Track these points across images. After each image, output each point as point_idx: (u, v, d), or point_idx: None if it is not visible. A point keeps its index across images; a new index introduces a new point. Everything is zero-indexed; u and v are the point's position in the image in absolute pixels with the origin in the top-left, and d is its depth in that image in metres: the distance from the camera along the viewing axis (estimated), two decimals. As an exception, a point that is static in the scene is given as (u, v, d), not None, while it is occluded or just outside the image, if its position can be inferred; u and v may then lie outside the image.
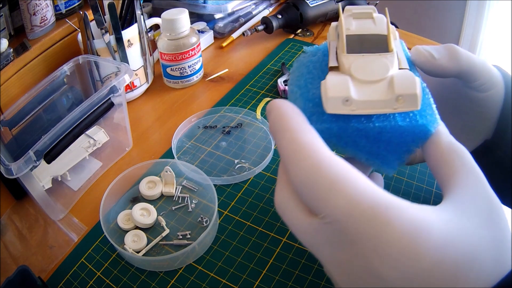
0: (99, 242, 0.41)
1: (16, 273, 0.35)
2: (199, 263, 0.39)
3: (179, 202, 0.44)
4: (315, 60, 0.28)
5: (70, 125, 0.40)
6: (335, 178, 0.20)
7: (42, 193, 0.42)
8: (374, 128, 0.23)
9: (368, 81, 0.22)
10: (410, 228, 0.19)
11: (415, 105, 0.22)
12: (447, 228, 0.19)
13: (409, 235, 0.18)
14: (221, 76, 0.66)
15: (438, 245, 0.18)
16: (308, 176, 0.21)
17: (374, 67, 0.23)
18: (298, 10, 0.73)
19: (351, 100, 0.22)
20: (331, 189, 0.20)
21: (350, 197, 0.20)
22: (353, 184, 0.20)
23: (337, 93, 0.22)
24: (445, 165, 0.23)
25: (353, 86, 0.22)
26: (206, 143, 0.52)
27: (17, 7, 0.58)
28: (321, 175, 0.20)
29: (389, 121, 0.23)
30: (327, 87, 0.22)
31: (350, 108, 0.22)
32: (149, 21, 0.61)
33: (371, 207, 0.19)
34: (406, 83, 0.22)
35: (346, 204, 0.19)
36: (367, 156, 0.25)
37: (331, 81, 0.23)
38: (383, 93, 0.22)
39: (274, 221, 0.42)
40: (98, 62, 0.51)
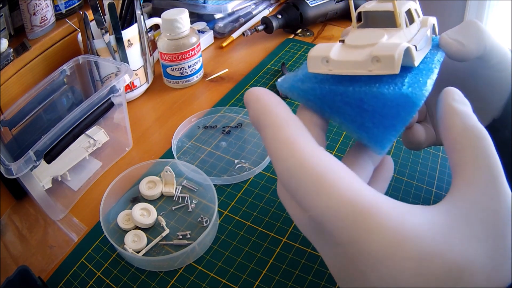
0: (99, 242, 0.41)
1: (16, 273, 0.35)
2: (199, 263, 0.39)
3: (179, 202, 0.44)
4: None
5: (70, 125, 0.40)
6: (317, 178, 0.19)
7: (42, 193, 0.42)
8: (354, 93, 0.22)
9: (354, 46, 0.23)
10: (391, 236, 0.17)
11: (392, 68, 0.20)
12: (435, 237, 0.18)
13: (390, 243, 0.17)
14: (221, 76, 0.66)
15: (420, 255, 0.17)
16: (291, 176, 0.20)
17: (369, 36, 0.23)
18: (298, 10, 0.73)
19: (330, 61, 0.22)
20: (313, 190, 0.19)
21: (332, 201, 0.18)
22: (335, 185, 0.19)
23: (317, 53, 0.22)
24: (456, 154, 0.21)
25: (338, 50, 0.22)
26: (206, 143, 0.52)
27: (17, 7, 0.58)
28: (303, 174, 0.19)
29: (371, 87, 0.22)
30: (312, 49, 0.23)
31: (328, 68, 0.22)
32: (149, 21, 0.61)
33: (354, 212, 0.18)
34: (386, 47, 0.21)
35: (328, 208, 0.19)
36: (353, 127, 0.24)
37: (319, 45, 0.23)
38: (361, 55, 0.21)
39: (274, 221, 0.42)
40: (98, 62, 0.51)
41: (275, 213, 0.43)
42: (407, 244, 0.17)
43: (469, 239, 0.18)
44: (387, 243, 0.17)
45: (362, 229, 0.18)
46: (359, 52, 0.22)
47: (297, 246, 0.40)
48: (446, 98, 0.22)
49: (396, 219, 0.18)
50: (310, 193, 0.19)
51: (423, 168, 0.47)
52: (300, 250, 0.39)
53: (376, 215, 0.18)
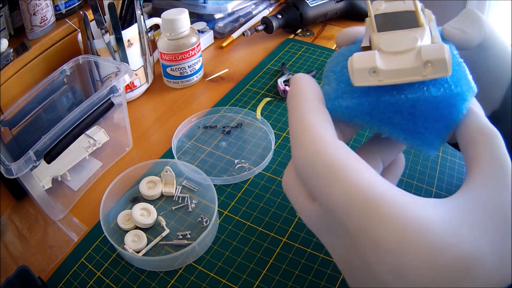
0: (99, 242, 0.41)
1: (16, 273, 0.35)
2: (199, 263, 0.39)
3: (179, 202, 0.44)
4: (353, 50, 0.28)
5: (70, 125, 0.40)
6: (334, 166, 0.19)
7: (42, 193, 0.42)
8: (407, 101, 0.22)
9: (395, 52, 0.22)
10: (405, 227, 0.17)
11: (445, 71, 0.20)
12: (448, 229, 0.18)
13: (404, 234, 0.17)
14: (221, 76, 0.66)
15: (433, 247, 0.17)
16: (308, 161, 0.20)
17: (403, 40, 0.22)
18: (298, 10, 0.73)
19: (378, 71, 0.21)
20: (328, 177, 0.19)
21: (346, 189, 0.19)
22: (351, 175, 0.19)
23: (363, 64, 0.21)
24: (471, 148, 0.21)
25: (380, 58, 0.22)
26: (206, 143, 0.52)
27: (17, 7, 0.58)
28: (320, 161, 0.20)
29: (422, 92, 0.22)
30: (353, 60, 0.22)
31: (378, 79, 0.21)
32: (149, 21, 0.61)
33: (367, 201, 0.18)
34: (433, 49, 0.21)
35: (341, 195, 0.19)
36: (405, 135, 0.23)
37: (358, 55, 0.22)
38: (410, 61, 0.21)
39: (274, 221, 0.42)
40: (98, 62, 0.51)
41: (275, 213, 0.43)
42: (419, 235, 0.17)
43: (480, 231, 0.18)
44: (399, 233, 0.17)
45: (374, 218, 0.18)
46: (404, 58, 0.21)
47: (297, 246, 0.40)
48: None
49: (409, 210, 0.18)
50: (325, 180, 0.20)
51: (423, 168, 0.47)
52: (300, 250, 0.39)
53: (389, 205, 0.18)
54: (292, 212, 0.43)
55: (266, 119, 0.54)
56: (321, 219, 0.21)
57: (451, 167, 0.47)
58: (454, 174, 0.46)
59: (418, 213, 0.18)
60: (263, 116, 0.55)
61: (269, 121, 0.54)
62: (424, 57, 0.21)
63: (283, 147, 0.51)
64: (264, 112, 0.56)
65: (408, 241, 0.17)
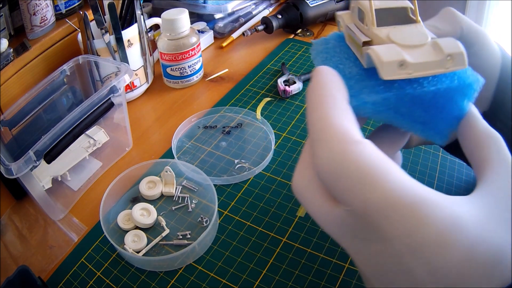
0: (99, 242, 0.41)
1: (16, 273, 0.35)
2: (199, 263, 0.39)
3: (179, 202, 0.44)
4: (331, 47, 0.28)
5: (70, 125, 0.40)
6: (367, 168, 0.18)
7: (42, 193, 0.42)
8: (429, 93, 0.23)
9: (413, 46, 0.22)
10: (445, 226, 0.18)
11: (464, 64, 0.22)
12: (478, 225, 0.18)
13: (443, 233, 0.18)
14: (221, 76, 0.66)
15: (469, 243, 0.18)
16: (337, 163, 0.19)
17: (412, 34, 0.23)
18: (298, 10, 0.73)
19: (406, 64, 0.21)
20: (363, 180, 0.18)
21: (384, 192, 0.18)
22: (387, 177, 0.18)
23: (391, 57, 0.21)
24: (481, 150, 0.22)
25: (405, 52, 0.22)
26: (206, 143, 0.52)
27: (17, 7, 0.58)
28: (352, 163, 0.19)
29: (441, 84, 0.23)
30: (379, 54, 0.21)
31: (407, 71, 0.21)
32: (149, 21, 0.61)
33: (407, 203, 0.18)
34: (451, 44, 0.22)
35: (380, 199, 0.18)
36: (422, 127, 0.24)
37: (379, 49, 0.22)
38: (433, 54, 0.22)
39: (274, 221, 0.42)
40: (98, 62, 0.51)
41: (275, 213, 0.43)
42: (457, 234, 0.18)
43: (504, 224, 0.19)
44: (439, 234, 0.18)
45: (414, 222, 0.18)
46: (424, 52, 0.22)
47: (297, 246, 0.40)
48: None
49: (447, 210, 0.18)
50: (358, 183, 0.18)
51: (423, 168, 0.47)
52: (300, 250, 0.39)
53: (427, 207, 0.18)
54: (292, 212, 0.43)
55: (266, 119, 0.54)
56: (345, 223, 0.20)
57: (451, 167, 0.47)
58: (454, 174, 0.46)
59: (453, 213, 0.18)
60: (263, 116, 0.55)
61: (269, 121, 0.54)
62: (446, 51, 0.21)
63: (283, 147, 0.51)
64: (264, 112, 0.56)
65: (447, 241, 0.17)
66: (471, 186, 0.45)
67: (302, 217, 0.42)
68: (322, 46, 0.29)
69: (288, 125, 0.54)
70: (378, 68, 0.22)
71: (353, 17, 0.28)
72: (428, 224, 0.18)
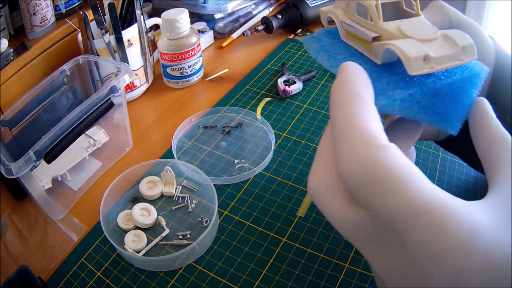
0: (99, 242, 0.41)
1: (16, 273, 0.35)
2: (199, 263, 0.39)
3: (179, 202, 0.44)
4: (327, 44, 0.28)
5: (70, 125, 0.40)
6: (394, 175, 0.18)
7: (42, 193, 0.42)
8: (446, 85, 0.23)
9: (428, 40, 0.23)
10: (466, 234, 0.18)
11: (475, 54, 0.23)
12: (494, 230, 0.18)
13: (464, 241, 0.18)
14: (221, 76, 0.66)
15: (488, 249, 0.18)
16: (363, 168, 0.19)
17: (421, 28, 0.23)
18: (298, 10, 0.73)
19: (429, 58, 0.22)
20: (389, 187, 0.18)
21: (409, 200, 0.18)
22: (413, 184, 0.18)
23: (417, 52, 0.21)
24: (493, 151, 0.22)
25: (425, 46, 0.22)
26: (206, 143, 0.52)
27: (17, 7, 0.58)
28: (378, 169, 0.18)
29: (455, 75, 0.23)
30: (404, 49, 0.22)
31: (429, 66, 0.22)
32: (149, 21, 0.61)
33: (430, 211, 0.18)
34: (460, 36, 0.23)
35: (405, 207, 0.18)
36: (439, 118, 0.24)
37: (402, 44, 0.22)
38: (448, 47, 0.22)
39: (274, 221, 0.42)
40: (98, 62, 0.51)
41: (275, 213, 0.43)
42: (477, 241, 0.18)
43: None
44: (461, 243, 0.18)
45: (437, 230, 0.18)
46: (439, 45, 0.22)
47: (297, 246, 0.40)
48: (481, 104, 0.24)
49: (466, 218, 0.18)
50: (384, 189, 0.18)
51: (423, 168, 0.47)
52: (300, 250, 0.39)
53: (450, 216, 0.18)
54: (292, 212, 0.43)
55: (266, 119, 0.54)
56: (364, 228, 0.20)
57: (451, 167, 0.47)
58: (454, 174, 0.46)
59: (473, 220, 0.18)
60: (263, 116, 0.55)
61: (269, 121, 0.54)
62: (460, 43, 0.22)
63: (283, 147, 0.51)
64: (264, 112, 0.56)
65: (468, 249, 0.18)
66: (471, 186, 0.45)
67: (302, 217, 0.42)
68: (317, 45, 0.29)
69: (288, 125, 0.54)
70: (405, 63, 0.22)
71: (348, 13, 0.28)
72: (449, 232, 0.18)
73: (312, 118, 0.55)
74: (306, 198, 0.44)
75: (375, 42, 0.24)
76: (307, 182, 0.23)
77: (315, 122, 0.54)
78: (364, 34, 0.25)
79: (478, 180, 0.45)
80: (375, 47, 0.24)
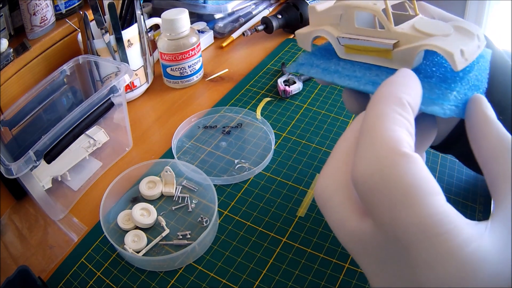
0: (99, 242, 0.41)
1: (16, 273, 0.35)
2: (199, 263, 0.39)
3: (179, 202, 0.44)
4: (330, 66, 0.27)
5: (70, 125, 0.40)
6: (410, 187, 0.17)
7: (42, 193, 0.42)
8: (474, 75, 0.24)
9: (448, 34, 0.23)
10: (470, 261, 0.17)
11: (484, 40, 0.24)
12: (497, 257, 0.17)
13: (467, 269, 0.17)
14: (221, 76, 0.66)
15: (488, 278, 0.17)
16: (380, 173, 0.18)
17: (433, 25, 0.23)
18: (298, 10, 0.73)
19: (463, 52, 0.22)
20: (403, 199, 0.17)
21: (422, 217, 0.17)
22: (430, 201, 0.17)
23: (456, 48, 0.21)
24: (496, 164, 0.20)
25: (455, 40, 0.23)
26: (206, 143, 0.52)
27: (17, 7, 0.58)
28: (396, 178, 0.17)
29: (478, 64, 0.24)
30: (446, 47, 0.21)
31: (465, 58, 0.22)
32: (149, 21, 0.61)
33: (442, 233, 0.17)
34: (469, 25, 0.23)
35: (417, 223, 0.17)
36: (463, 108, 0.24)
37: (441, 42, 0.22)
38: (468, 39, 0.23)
39: (274, 221, 0.42)
40: (98, 62, 0.51)
41: (275, 213, 0.43)
42: (479, 270, 0.17)
43: None
44: (461, 270, 0.17)
45: (441, 253, 0.17)
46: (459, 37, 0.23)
47: (297, 246, 0.40)
48: (479, 105, 0.22)
49: (471, 244, 0.17)
50: (398, 200, 0.17)
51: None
52: (300, 250, 0.39)
53: (456, 240, 0.17)
54: (292, 212, 0.43)
55: (266, 119, 0.54)
56: (369, 242, 0.19)
57: (451, 167, 0.47)
58: (454, 174, 0.46)
59: (478, 247, 0.17)
60: (263, 116, 0.55)
61: (269, 121, 0.54)
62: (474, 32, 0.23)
63: (283, 147, 0.51)
64: (264, 112, 0.56)
65: (470, 277, 0.17)
66: (471, 186, 0.45)
67: (302, 217, 0.42)
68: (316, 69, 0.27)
69: (288, 125, 0.54)
70: (450, 61, 0.21)
71: (343, 27, 0.26)
72: (454, 259, 0.17)
73: (312, 118, 0.55)
74: (306, 198, 0.44)
75: (396, 49, 0.23)
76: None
77: (315, 122, 0.54)
78: (381, 44, 0.24)
79: (478, 180, 0.45)
80: (398, 53, 0.23)
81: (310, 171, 0.47)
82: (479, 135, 0.21)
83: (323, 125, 0.54)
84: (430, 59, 0.25)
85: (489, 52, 0.25)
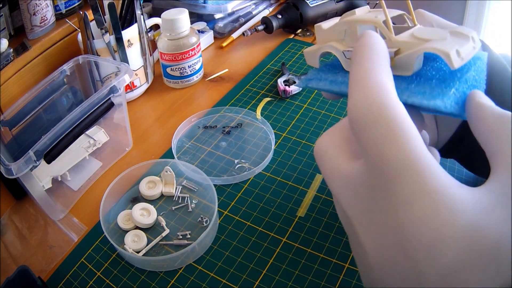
0: (99, 242, 0.41)
1: (16, 273, 0.35)
2: (199, 263, 0.39)
3: (179, 202, 0.44)
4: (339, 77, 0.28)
5: (70, 125, 0.40)
6: (396, 123, 0.19)
7: (42, 193, 0.42)
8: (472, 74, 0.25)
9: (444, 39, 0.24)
10: (446, 203, 0.18)
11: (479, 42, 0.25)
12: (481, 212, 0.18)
13: (442, 210, 0.18)
14: (221, 76, 0.66)
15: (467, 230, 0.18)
16: (370, 109, 0.20)
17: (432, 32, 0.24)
18: (298, 10, 0.73)
19: (459, 52, 0.23)
20: (391, 134, 0.19)
21: (407, 152, 0.19)
22: (414, 140, 0.19)
23: (452, 48, 0.23)
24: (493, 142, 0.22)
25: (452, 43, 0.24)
26: (206, 143, 0.52)
27: (17, 7, 0.58)
28: (383, 113, 0.19)
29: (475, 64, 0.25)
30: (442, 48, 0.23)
31: (461, 58, 0.23)
32: (149, 21, 0.61)
33: (422, 170, 0.18)
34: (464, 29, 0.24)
35: (402, 157, 0.19)
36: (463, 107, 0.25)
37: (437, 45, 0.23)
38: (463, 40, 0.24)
39: (274, 221, 0.42)
40: (98, 62, 0.51)
41: (275, 213, 0.43)
42: (456, 214, 0.18)
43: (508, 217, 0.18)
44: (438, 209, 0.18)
45: (420, 190, 0.18)
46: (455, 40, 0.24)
47: (297, 246, 0.40)
48: (474, 97, 0.24)
49: (450, 188, 0.18)
50: (386, 135, 0.19)
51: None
52: (300, 250, 0.39)
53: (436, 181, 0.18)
54: (292, 212, 0.43)
55: (266, 119, 0.54)
56: (358, 182, 0.21)
57: (451, 167, 0.47)
58: (454, 174, 0.46)
59: (457, 193, 0.18)
60: (263, 116, 0.55)
61: (269, 121, 0.54)
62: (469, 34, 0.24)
63: (283, 147, 0.51)
64: (264, 112, 0.56)
65: (443, 219, 0.18)
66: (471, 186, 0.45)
67: (302, 217, 0.42)
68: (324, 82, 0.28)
69: (288, 125, 0.54)
70: (448, 60, 0.22)
71: (348, 41, 0.28)
72: (429, 196, 0.18)
73: (312, 118, 0.55)
74: (306, 198, 0.44)
75: (398, 56, 0.25)
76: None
77: (315, 122, 0.54)
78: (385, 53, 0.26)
79: (478, 180, 0.45)
80: (400, 60, 0.25)
81: (310, 171, 0.47)
82: (478, 121, 0.23)
83: (323, 125, 0.54)
84: (430, 65, 0.26)
85: (485, 55, 0.26)
